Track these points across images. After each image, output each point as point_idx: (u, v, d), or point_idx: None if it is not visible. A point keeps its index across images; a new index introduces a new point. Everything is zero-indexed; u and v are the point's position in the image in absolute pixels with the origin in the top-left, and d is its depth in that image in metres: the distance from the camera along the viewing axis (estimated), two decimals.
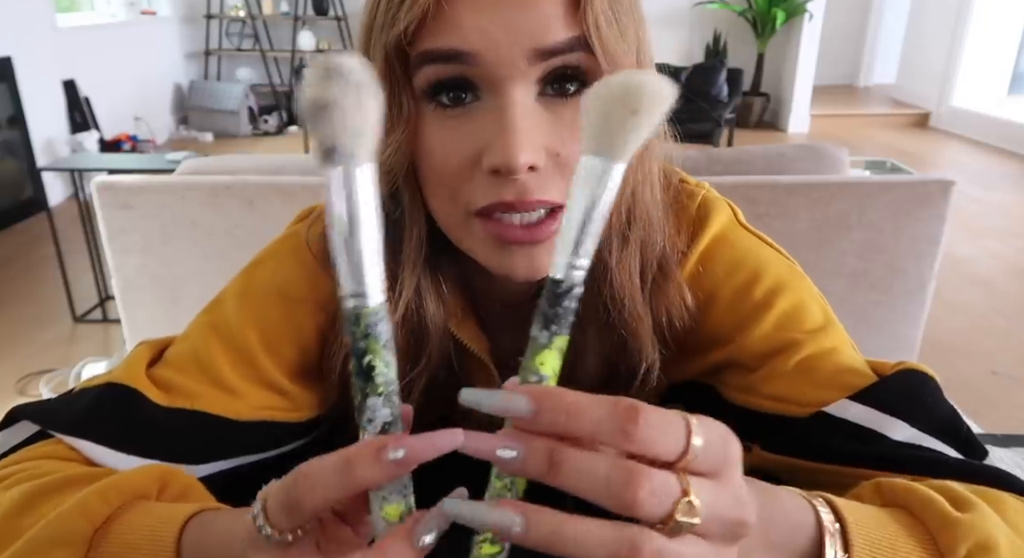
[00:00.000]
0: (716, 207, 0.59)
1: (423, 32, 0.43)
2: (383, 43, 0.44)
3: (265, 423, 0.55)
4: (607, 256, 0.52)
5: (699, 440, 0.29)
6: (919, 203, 1.26)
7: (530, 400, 0.29)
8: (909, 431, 0.48)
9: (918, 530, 0.38)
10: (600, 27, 0.43)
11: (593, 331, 0.55)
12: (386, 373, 0.32)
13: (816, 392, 0.52)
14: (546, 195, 0.45)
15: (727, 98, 4.45)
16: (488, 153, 0.44)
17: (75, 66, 4.45)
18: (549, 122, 0.45)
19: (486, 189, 0.45)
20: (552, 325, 0.32)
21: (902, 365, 0.52)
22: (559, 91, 0.45)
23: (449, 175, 0.46)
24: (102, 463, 0.50)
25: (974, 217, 3.76)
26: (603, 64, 0.44)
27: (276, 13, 5.92)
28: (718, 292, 0.56)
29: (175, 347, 0.57)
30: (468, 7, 0.42)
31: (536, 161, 0.44)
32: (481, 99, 0.45)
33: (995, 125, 5.29)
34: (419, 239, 0.51)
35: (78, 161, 3.01)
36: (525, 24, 0.42)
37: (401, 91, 0.45)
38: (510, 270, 0.48)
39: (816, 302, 0.57)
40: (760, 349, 0.54)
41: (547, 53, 0.43)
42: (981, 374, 2.32)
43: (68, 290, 2.62)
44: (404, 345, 0.54)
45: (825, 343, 0.54)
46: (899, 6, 6.59)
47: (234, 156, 1.43)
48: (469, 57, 0.43)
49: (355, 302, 0.31)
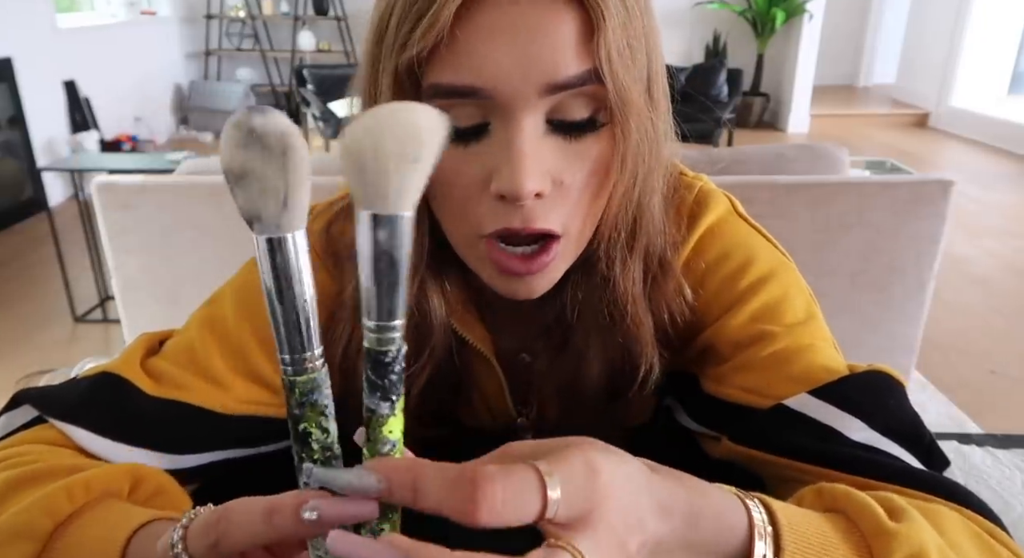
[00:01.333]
0: (713, 197, 0.59)
1: (435, 60, 0.43)
2: (393, 65, 0.44)
3: (251, 418, 0.55)
4: (611, 268, 0.52)
5: (555, 492, 0.29)
6: (919, 203, 1.26)
7: (379, 478, 0.29)
8: (867, 432, 0.48)
9: (854, 536, 0.37)
10: (611, 57, 0.43)
11: (596, 340, 0.55)
12: (323, 440, 0.31)
13: (781, 385, 0.51)
14: (549, 224, 0.47)
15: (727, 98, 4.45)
16: (496, 179, 0.45)
17: (75, 66, 4.45)
18: (556, 149, 0.46)
19: (495, 214, 0.46)
20: (391, 395, 0.31)
21: (871, 367, 0.52)
22: (567, 122, 0.46)
23: (458, 198, 0.47)
24: (91, 449, 0.50)
25: (974, 217, 3.77)
26: (613, 96, 0.44)
27: (276, 13, 5.92)
28: (707, 278, 0.57)
29: (172, 340, 0.58)
30: (482, 38, 0.42)
31: (542, 188, 0.45)
32: (491, 126, 0.45)
33: (994, 125, 5.29)
34: (420, 252, 0.52)
35: (78, 161, 3.01)
36: (538, 57, 0.42)
37: None
38: (511, 293, 0.51)
39: (801, 297, 0.57)
40: (735, 338, 0.54)
41: (559, 87, 0.43)
42: (980, 374, 2.32)
43: (68, 290, 2.62)
44: (407, 340, 0.55)
45: (802, 339, 0.53)
46: (899, 6, 6.59)
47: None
48: (483, 93, 0.43)
49: (291, 370, 0.30)
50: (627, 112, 0.45)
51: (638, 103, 0.46)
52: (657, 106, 0.49)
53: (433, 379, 0.57)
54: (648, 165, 0.49)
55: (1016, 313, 2.76)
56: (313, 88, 4.35)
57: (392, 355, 0.30)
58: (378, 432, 0.31)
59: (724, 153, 1.51)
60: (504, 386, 0.62)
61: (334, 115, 3.98)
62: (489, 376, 0.61)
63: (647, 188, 0.51)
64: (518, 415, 0.64)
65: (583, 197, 0.47)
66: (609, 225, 0.51)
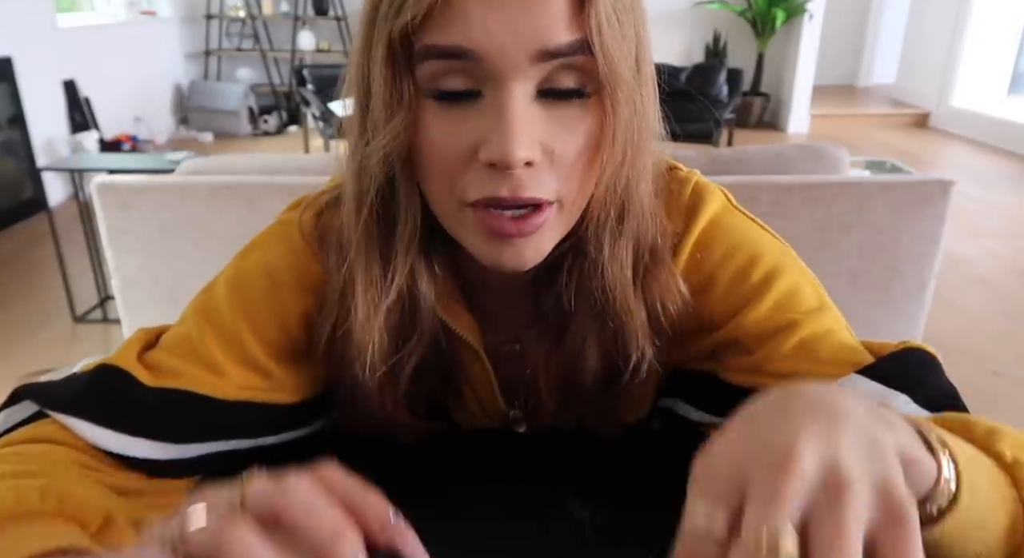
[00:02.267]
0: (709, 192, 0.59)
1: (429, 24, 0.44)
2: (387, 31, 0.45)
3: (247, 403, 0.56)
4: (599, 252, 0.53)
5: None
6: (919, 203, 1.26)
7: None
8: (912, 406, 0.49)
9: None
10: (602, 30, 0.44)
11: (592, 325, 0.55)
12: None
13: (820, 368, 0.52)
14: (538, 192, 0.47)
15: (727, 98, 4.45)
16: (485, 147, 0.45)
17: (75, 66, 4.45)
18: (546, 119, 0.46)
19: (481, 182, 0.46)
20: None
21: (906, 344, 0.53)
22: (558, 90, 0.46)
23: (446, 165, 0.47)
24: (93, 441, 0.51)
25: (974, 217, 3.76)
26: (602, 67, 0.45)
27: (276, 13, 5.92)
28: (716, 275, 0.57)
29: (169, 332, 0.58)
30: (476, 2, 0.43)
31: (532, 157, 0.45)
32: (482, 93, 0.46)
33: (995, 125, 5.29)
34: (413, 225, 0.52)
35: (78, 161, 3.01)
36: (531, 24, 0.43)
37: (402, 79, 0.46)
38: (498, 261, 0.50)
39: (810, 284, 0.58)
40: (758, 330, 0.55)
41: (550, 54, 0.44)
42: (981, 374, 2.32)
43: (68, 290, 2.62)
44: (396, 323, 0.55)
45: (822, 323, 0.54)
46: (899, 6, 6.59)
47: (234, 156, 1.43)
48: (473, 55, 0.44)
49: None
50: (616, 85, 0.46)
51: (627, 77, 0.46)
52: (645, 84, 0.50)
53: (422, 366, 0.57)
54: (637, 144, 0.49)
55: (1017, 313, 2.76)
56: (313, 88, 4.35)
57: None
58: None
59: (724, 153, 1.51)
60: (492, 377, 0.62)
61: (334, 115, 3.98)
62: (477, 367, 0.61)
63: (636, 171, 0.51)
64: (509, 408, 0.64)
65: (575, 168, 0.48)
66: (598, 205, 0.51)
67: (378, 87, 0.47)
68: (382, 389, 0.57)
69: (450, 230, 0.52)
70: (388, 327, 0.54)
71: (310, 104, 4.35)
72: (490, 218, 0.48)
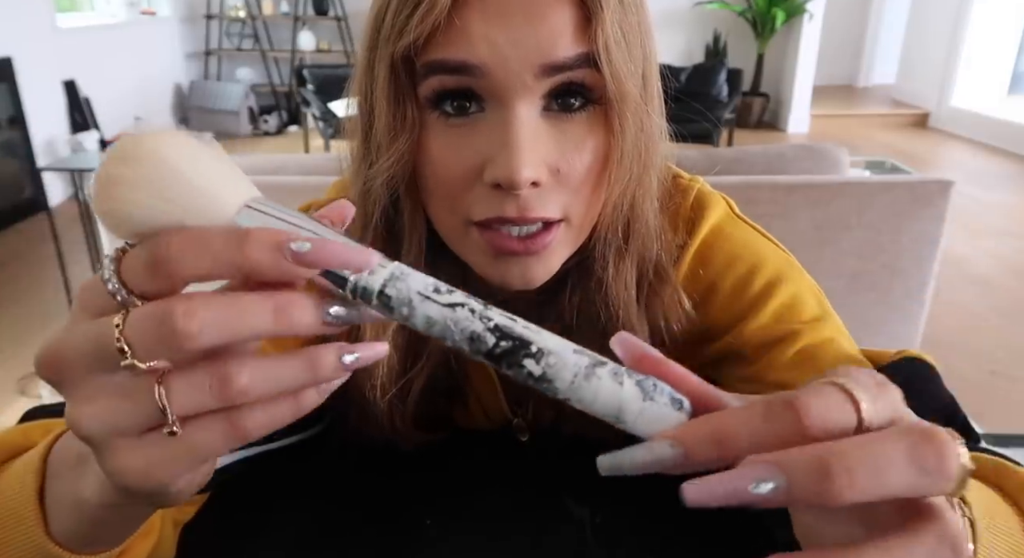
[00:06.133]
0: (711, 201, 0.59)
1: (432, 42, 0.43)
2: (390, 52, 0.44)
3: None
4: (604, 271, 0.52)
5: (866, 403, 0.27)
6: (919, 203, 1.27)
7: (674, 443, 0.27)
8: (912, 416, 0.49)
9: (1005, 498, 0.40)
10: (608, 45, 0.43)
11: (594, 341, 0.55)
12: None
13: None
14: (545, 212, 0.46)
15: (727, 98, 4.45)
16: (491, 167, 0.44)
17: (75, 66, 4.45)
18: (552, 137, 0.45)
19: (487, 202, 0.46)
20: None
21: (903, 353, 0.52)
22: (563, 106, 0.46)
23: (450, 185, 0.47)
24: None
25: (973, 217, 3.77)
26: (609, 82, 0.44)
27: (276, 13, 5.93)
28: (717, 284, 0.57)
29: None
30: (478, 18, 0.42)
31: (538, 177, 0.44)
32: (486, 111, 0.45)
33: (994, 125, 5.29)
34: (419, 245, 0.51)
35: (78, 161, 3.00)
36: (534, 39, 0.42)
37: (406, 100, 0.45)
38: (505, 280, 0.49)
39: (812, 293, 0.57)
40: (759, 340, 0.55)
41: (554, 69, 0.43)
42: (980, 374, 2.32)
43: (68, 290, 2.63)
44: (404, 344, 0.55)
45: (823, 333, 0.54)
46: (899, 6, 6.59)
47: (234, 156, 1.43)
48: (477, 70, 0.43)
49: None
50: (624, 103, 0.45)
51: (634, 94, 0.46)
52: (652, 103, 0.49)
53: (431, 381, 0.57)
54: (644, 162, 0.49)
55: (1016, 313, 2.76)
56: (313, 88, 4.36)
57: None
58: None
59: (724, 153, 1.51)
60: (499, 387, 0.62)
61: (334, 115, 3.98)
62: (484, 377, 0.61)
63: (642, 189, 0.51)
64: (513, 416, 0.64)
65: (583, 185, 0.47)
66: (604, 224, 0.50)
67: (381, 109, 0.46)
68: (391, 408, 0.56)
69: (455, 249, 0.51)
70: (396, 347, 0.54)
71: (310, 104, 4.35)
72: (496, 237, 0.47)
